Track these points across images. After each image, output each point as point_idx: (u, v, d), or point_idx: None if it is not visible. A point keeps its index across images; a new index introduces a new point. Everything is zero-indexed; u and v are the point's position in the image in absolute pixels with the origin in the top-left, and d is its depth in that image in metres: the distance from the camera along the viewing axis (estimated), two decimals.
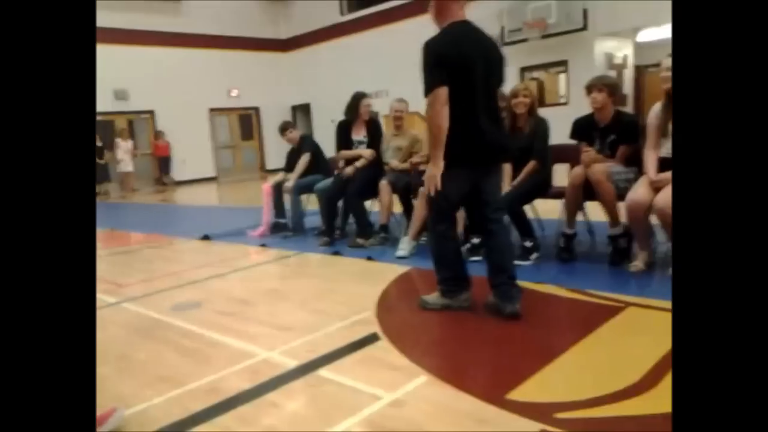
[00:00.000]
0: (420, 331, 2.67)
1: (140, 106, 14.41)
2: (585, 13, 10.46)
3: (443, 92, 2.47)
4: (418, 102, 3.12)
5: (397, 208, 4.67)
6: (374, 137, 4.82)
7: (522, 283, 2.81)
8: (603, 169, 3.28)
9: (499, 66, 2.69)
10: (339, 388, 2.06)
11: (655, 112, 3.23)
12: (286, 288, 3.59)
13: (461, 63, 2.50)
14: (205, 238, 5.64)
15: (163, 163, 14.65)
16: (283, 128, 5.60)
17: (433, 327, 2.70)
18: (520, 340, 2.43)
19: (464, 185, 2.66)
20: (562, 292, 2.98)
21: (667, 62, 3.09)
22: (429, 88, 2.50)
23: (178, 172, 14.93)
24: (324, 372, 2.20)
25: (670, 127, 3.10)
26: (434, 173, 2.58)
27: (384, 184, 4.54)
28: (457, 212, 2.91)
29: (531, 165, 3.68)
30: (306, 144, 5.48)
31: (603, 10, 10.51)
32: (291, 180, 5.33)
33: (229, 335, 2.72)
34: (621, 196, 3.27)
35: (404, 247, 4.07)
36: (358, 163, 4.72)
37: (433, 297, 2.87)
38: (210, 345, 2.63)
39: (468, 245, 3.83)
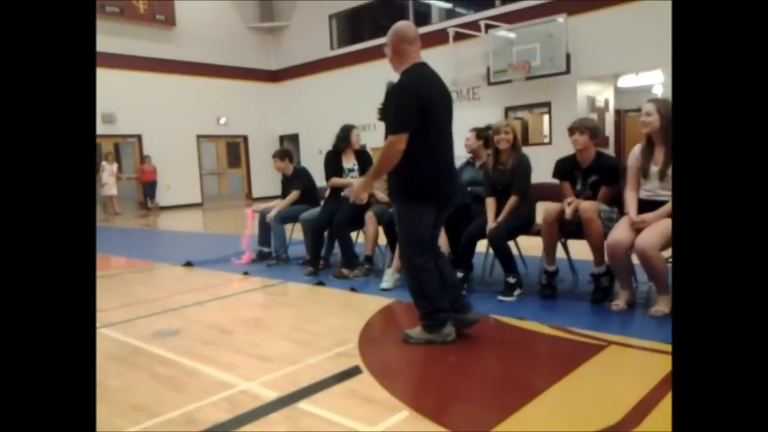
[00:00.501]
0: (403, 364, 2.65)
1: (127, 130, 14.40)
2: (568, 57, 10.80)
3: (404, 138, 2.58)
4: None
5: (383, 239, 4.69)
6: (365, 166, 4.88)
7: (504, 319, 2.83)
8: (594, 207, 3.34)
9: (452, 105, 2.86)
10: (318, 421, 2.03)
11: (634, 154, 3.32)
12: (268, 317, 3.55)
13: (430, 104, 2.62)
14: (188, 264, 5.58)
15: (149, 187, 14.56)
16: (282, 156, 5.55)
17: (416, 361, 2.68)
18: (503, 377, 2.43)
19: (433, 215, 2.77)
20: (544, 329, 2.99)
21: (648, 107, 3.20)
22: (394, 130, 2.60)
23: (163, 197, 14.84)
24: (304, 405, 2.17)
25: (650, 168, 3.20)
26: (359, 191, 2.84)
27: (370, 215, 4.57)
28: (434, 244, 2.91)
29: (513, 200, 3.75)
30: (299, 179, 5.48)
31: (585, 56, 10.88)
32: (273, 211, 5.33)
33: (208, 364, 2.67)
34: (604, 235, 3.33)
35: (388, 279, 4.07)
36: (350, 179, 4.73)
37: (416, 331, 2.85)
38: (188, 374, 2.58)
39: None
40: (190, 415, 2.11)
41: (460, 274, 3.80)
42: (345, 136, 4.88)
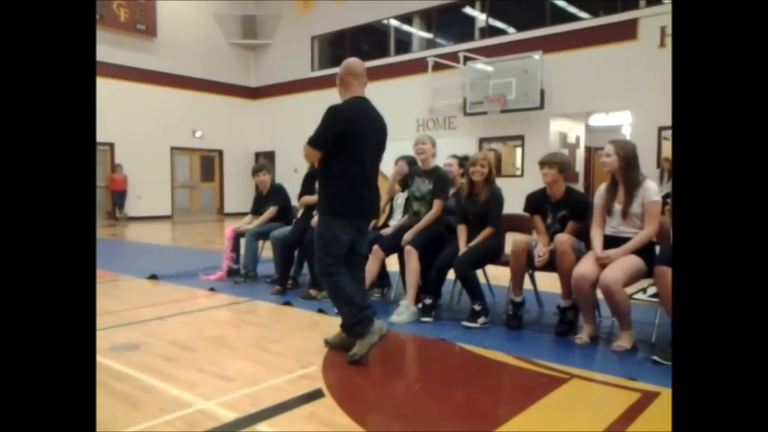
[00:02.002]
0: (365, 389, 2.62)
1: (99, 138, 14.05)
2: (542, 93, 11.12)
3: (314, 153, 2.93)
4: (384, 164, 3.26)
5: None
6: None
7: (469, 347, 2.83)
8: (569, 240, 3.40)
9: (384, 138, 3.10)
10: None
11: (600, 192, 3.42)
12: (231, 336, 3.48)
13: (355, 132, 2.88)
14: (153, 277, 5.45)
15: (118, 196, 14.25)
16: (257, 170, 5.54)
17: (379, 386, 2.66)
18: (466, 405, 2.43)
19: (351, 234, 2.97)
20: (508, 359, 3.00)
21: (607, 148, 3.32)
22: (312, 142, 2.90)
23: (132, 208, 14.53)
24: (263, 427, 2.12)
25: (613, 207, 3.30)
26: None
27: None
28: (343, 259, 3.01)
29: (488, 231, 3.79)
30: (277, 196, 5.45)
31: (559, 93, 11.23)
32: (252, 227, 5.30)
33: (166, 381, 2.60)
34: None
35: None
36: None
37: (357, 346, 2.88)
38: (145, 390, 2.50)
39: (419, 305, 3.85)
40: None
41: (428, 301, 3.82)
42: None
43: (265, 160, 16.30)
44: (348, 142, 2.87)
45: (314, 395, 2.44)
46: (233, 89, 16.82)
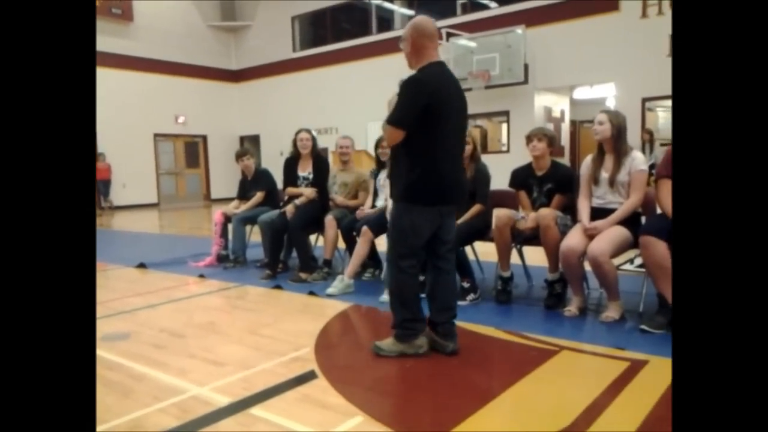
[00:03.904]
0: (358, 369, 2.64)
1: None
2: (526, 68, 11.07)
3: (399, 133, 2.52)
4: (365, 140, 3.21)
5: (342, 243, 4.67)
6: (319, 173, 4.83)
7: (460, 323, 2.85)
8: (552, 214, 3.41)
9: (466, 109, 2.74)
10: (271, 427, 1.99)
11: (586, 163, 3.43)
12: (222, 321, 3.48)
13: (439, 105, 2.50)
14: (141, 266, 5.41)
15: (103, 186, 14.05)
16: (241, 154, 5.52)
17: (371, 366, 2.67)
18: (457, 381, 2.45)
19: (435, 222, 2.63)
20: (499, 333, 3.03)
21: (600, 116, 3.31)
22: (392, 121, 2.52)
23: (117, 197, 14.36)
24: (257, 410, 2.13)
25: (600, 175, 3.32)
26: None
27: (329, 220, 4.54)
28: (422, 252, 2.74)
29: (476, 208, 3.80)
30: (263, 181, 5.43)
31: (542, 67, 11.19)
32: (239, 212, 5.28)
33: (158, 369, 2.59)
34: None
35: (336, 284, 4.01)
36: (298, 201, 4.69)
37: (388, 343, 2.71)
38: (136, 379, 2.49)
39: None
40: (137, 422, 2.04)
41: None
42: (294, 140, 4.86)
43: (249, 144, 16.16)
44: (436, 117, 2.49)
45: (307, 377, 2.45)
46: (214, 72, 16.56)
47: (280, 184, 5.50)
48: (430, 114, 2.47)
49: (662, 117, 10.95)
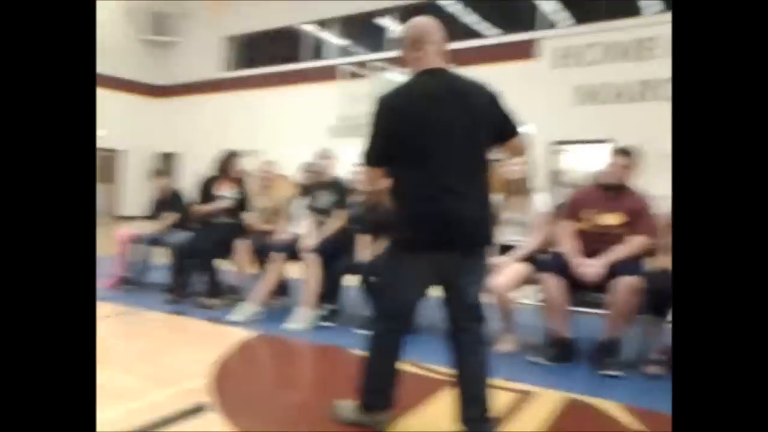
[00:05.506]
0: (253, 401, 2.56)
1: None
2: None
3: (375, 172, 2.10)
4: (288, 165, 3.19)
5: (252, 269, 4.57)
6: (243, 194, 4.77)
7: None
8: None
9: (473, 115, 2.03)
10: None
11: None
12: (114, 348, 3.28)
13: (409, 124, 1.99)
14: None
15: None
16: (159, 173, 5.42)
17: (268, 397, 2.62)
18: None
19: (427, 274, 2.07)
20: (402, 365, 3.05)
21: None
22: (362, 159, 2.11)
23: None
24: None
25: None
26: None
27: (241, 244, 4.45)
28: (410, 314, 2.20)
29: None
30: (175, 202, 5.26)
31: None
32: (148, 232, 5.08)
33: None
34: None
35: (242, 310, 3.91)
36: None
37: (349, 408, 2.26)
38: None
39: (322, 312, 3.85)
40: None
41: (329, 307, 3.81)
42: (225, 162, 4.78)
43: (169, 161, 15.58)
44: (408, 141, 1.99)
45: (200, 409, 2.36)
46: (138, 87, 15.92)
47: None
48: (399, 139, 2.00)
49: (566, 159, 11.54)
